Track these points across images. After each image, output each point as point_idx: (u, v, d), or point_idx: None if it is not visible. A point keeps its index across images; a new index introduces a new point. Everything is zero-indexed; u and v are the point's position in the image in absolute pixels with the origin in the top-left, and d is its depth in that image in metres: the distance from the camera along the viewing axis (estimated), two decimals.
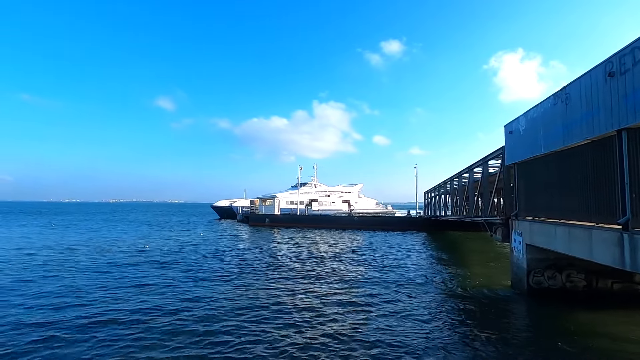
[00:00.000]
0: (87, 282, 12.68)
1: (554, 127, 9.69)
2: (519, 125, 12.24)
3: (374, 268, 15.86)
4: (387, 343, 7.26)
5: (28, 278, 13.20)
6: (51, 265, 16.08)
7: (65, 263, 16.59)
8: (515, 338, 7.75)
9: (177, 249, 21.97)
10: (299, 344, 7.14)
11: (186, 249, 21.94)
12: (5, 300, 10.23)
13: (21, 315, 8.84)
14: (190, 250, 21.45)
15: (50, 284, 12.23)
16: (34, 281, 12.70)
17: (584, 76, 8.22)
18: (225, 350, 6.86)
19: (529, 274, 11.82)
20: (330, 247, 23.87)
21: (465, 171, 21.08)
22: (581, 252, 8.54)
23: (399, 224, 40.84)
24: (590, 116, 7.93)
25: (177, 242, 26.49)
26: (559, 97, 9.39)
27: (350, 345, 7.16)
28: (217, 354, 6.70)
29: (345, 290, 11.79)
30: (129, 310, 9.36)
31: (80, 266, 15.80)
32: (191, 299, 10.46)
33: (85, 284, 12.37)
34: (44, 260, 17.44)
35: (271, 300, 10.35)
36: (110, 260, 17.49)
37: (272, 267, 16.01)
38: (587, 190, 8.43)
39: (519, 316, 9.89)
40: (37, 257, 18.41)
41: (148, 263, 16.81)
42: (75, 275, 13.73)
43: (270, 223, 44.67)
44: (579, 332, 7.98)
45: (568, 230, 9.13)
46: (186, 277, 13.62)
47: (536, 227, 11.25)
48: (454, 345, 7.24)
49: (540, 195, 11.29)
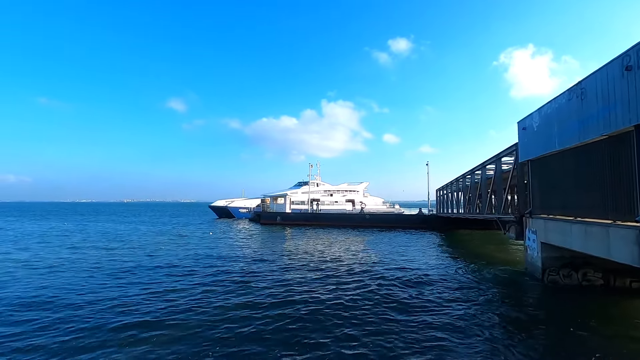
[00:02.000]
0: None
1: (569, 123, 9.51)
2: (532, 122, 12.04)
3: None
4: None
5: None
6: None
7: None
8: (532, 328, 7.64)
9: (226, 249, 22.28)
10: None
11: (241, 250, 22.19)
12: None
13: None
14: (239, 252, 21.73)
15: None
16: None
17: (599, 71, 8.04)
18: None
19: (543, 272, 11.65)
20: (358, 249, 23.73)
21: (477, 168, 20.81)
22: (598, 250, 8.38)
23: (411, 222, 40.55)
24: (606, 111, 7.76)
25: (217, 241, 26.72)
26: (574, 92, 9.21)
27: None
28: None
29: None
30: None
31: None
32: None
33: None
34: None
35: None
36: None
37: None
38: (604, 187, 8.25)
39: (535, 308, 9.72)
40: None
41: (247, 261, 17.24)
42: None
43: (281, 221, 44.92)
44: (597, 320, 7.82)
45: (584, 228, 8.97)
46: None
47: (551, 225, 11.07)
48: (461, 335, 7.19)
49: (555, 192, 11.10)
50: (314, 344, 7.16)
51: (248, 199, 60.78)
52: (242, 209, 58.50)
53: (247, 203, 59.45)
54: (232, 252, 20.32)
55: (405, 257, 18.43)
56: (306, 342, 7.23)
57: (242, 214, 57.84)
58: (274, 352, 6.74)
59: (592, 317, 8.49)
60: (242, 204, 59.44)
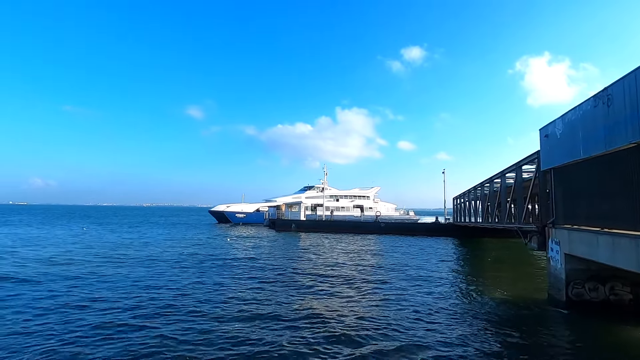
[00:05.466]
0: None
1: (595, 131, 9.19)
2: (555, 129, 11.71)
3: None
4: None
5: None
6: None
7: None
8: (554, 351, 7.35)
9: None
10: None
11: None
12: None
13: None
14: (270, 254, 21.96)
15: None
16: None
17: (628, 76, 7.76)
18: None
19: (567, 285, 11.19)
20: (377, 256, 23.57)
21: (497, 176, 20.34)
22: (627, 263, 8.00)
23: (427, 231, 39.83)
24: (635, 118, 7.47)
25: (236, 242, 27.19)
26: (600, 98, 8.91)
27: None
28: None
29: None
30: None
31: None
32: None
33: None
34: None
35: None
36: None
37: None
38: (632, 197, 7.90)
39: (558, 330, 9.36)
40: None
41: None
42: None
43: (296, 228, 44.98)
44: (625, 348, 7.45)
45: (612, 239, 8.59)
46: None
47: (576, 235, 10.66)
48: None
49: (580, 202, 10.70)
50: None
51: (248, 204, 59.73)
52: (238, 214, 57.45)
53: (245, 208, 58.44)
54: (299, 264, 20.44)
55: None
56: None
57: (239, 219, 56.86)
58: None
59: (621, 337, 8.10)
60: (240, 209, 58.28)
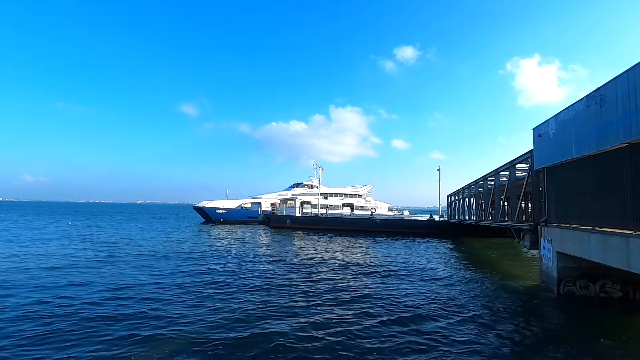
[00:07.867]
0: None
1: (587, 130, 9.28)
2: (548, 129, 11.80)
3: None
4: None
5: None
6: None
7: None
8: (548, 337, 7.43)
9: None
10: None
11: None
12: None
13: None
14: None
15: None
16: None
17: (620, 77, 7.84)
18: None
19: (559, 282, 11.34)
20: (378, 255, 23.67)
21: (491, 174, 20.48)
22: (618, 261, 8.12)
23: (422, 228, 40.06)
24: (627, 118, 7.55)
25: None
26: (593, 98, 8.99)
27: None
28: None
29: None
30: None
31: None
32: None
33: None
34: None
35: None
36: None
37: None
38: (624, 196, 8.01)
39: (548, 326, 9.47)
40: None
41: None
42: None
43: (291, 224, 44.89)
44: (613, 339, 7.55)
45: (603, 238, 8.71)
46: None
47: (568, 234, 10.79)
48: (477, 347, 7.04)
49: (572, 200, 10.83)
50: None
51: (232, 200, 58.95)
52: (219, 210, 56.72)
53: (226, 204, 57.79)
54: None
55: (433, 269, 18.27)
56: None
57: (220, 215, 56.13)
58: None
59: (611, 331, 8.21)
60: (220, 205, 57.55)
